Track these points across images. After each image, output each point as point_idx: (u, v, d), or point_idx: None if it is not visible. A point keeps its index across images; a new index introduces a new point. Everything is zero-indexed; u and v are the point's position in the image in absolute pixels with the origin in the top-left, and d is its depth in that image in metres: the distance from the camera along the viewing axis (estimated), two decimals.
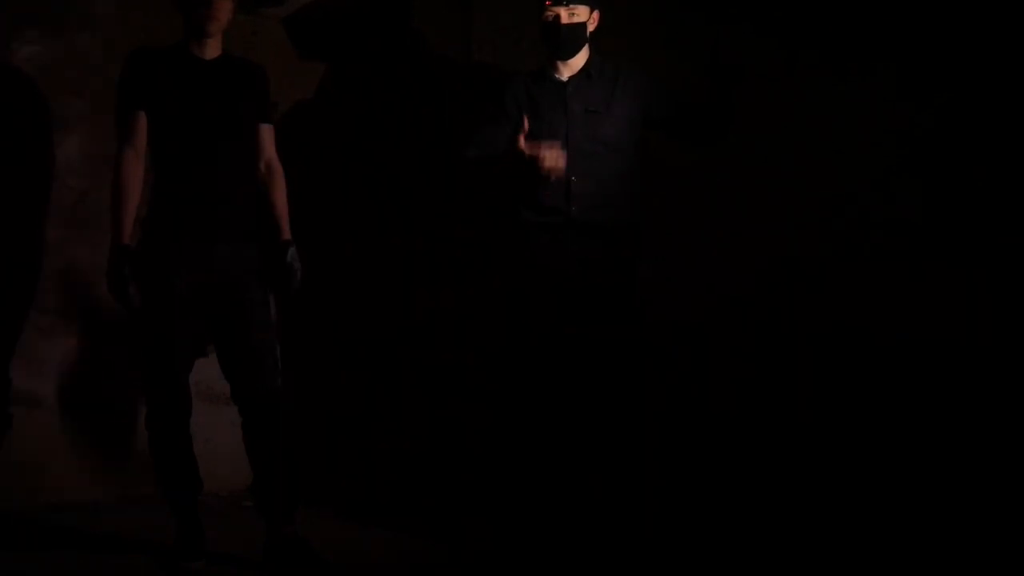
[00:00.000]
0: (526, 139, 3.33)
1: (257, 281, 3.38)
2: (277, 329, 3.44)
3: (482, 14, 4.08)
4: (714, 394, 3.68)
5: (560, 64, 3.46)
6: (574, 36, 3.40)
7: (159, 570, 3.34)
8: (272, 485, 3.39)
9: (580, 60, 3.47)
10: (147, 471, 3.46)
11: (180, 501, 3.40)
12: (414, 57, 4.31)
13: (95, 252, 3.97)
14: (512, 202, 3.48)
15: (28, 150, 4.00)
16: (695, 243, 3.69)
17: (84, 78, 4.03)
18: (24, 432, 3.95)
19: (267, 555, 3.38)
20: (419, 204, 4.24)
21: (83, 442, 4.03)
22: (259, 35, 4.31)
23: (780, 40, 3.54)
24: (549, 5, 3.38)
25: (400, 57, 4.35)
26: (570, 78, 3.46)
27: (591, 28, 3.45)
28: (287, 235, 3.46)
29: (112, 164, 3.33)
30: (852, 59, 3.41)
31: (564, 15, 3.37)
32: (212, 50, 3.38)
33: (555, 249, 3.40)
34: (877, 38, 3.37)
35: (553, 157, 3.28)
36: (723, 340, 3.64)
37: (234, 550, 3.47)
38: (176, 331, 3.30)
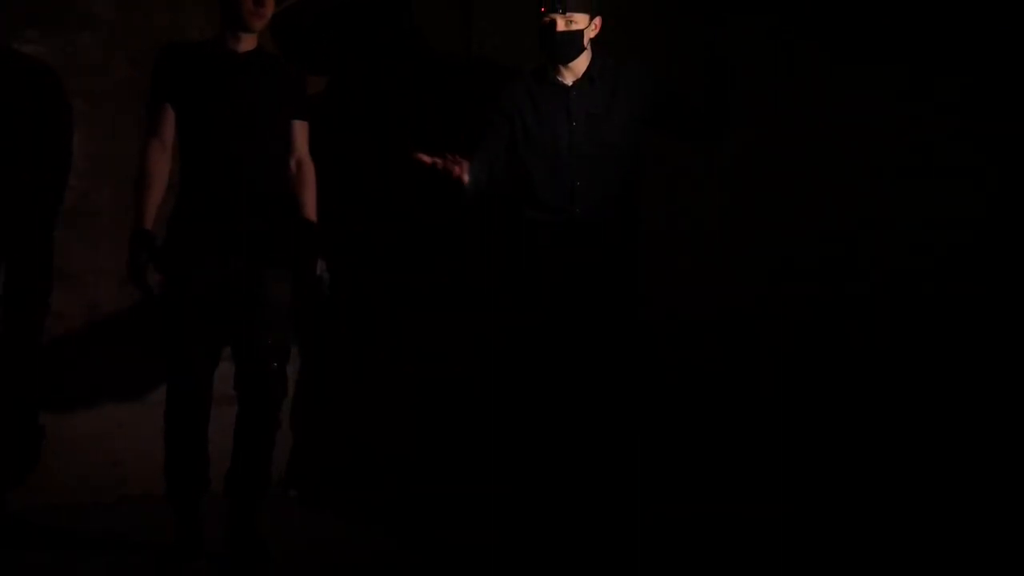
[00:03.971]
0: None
1: (280, 279, 3.34)
2: (293, 328, 3.43)
3: (482, 11, 4.08)
4: (712, 394, 3.68)
5: (561, 67, 3.43)
6: (570, 43, 3.35)
7: (159, 570, 3.34)
8: (247, 473, 3.37)
9: (582, 64, 3.43)
10: (147, 471, 3.46)
11: (184, 498, 3.38)
12: (415, 54, 4.30)
13: (95, 252, 3.99)
14: (514, 200, 3.47)
15: (28, 150, 4.00)
16: (695, 242, 3.69)
17: (84, 78, 4.03)
18: (24, 432, 3.94)
19: (233, 546, 3.36)
20: (418, 201, 4.24)
21: (83, 442, 4.02)
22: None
23: (780, 40, 3.54)
24: (544, 12, 3.34)
25: (401, 54, 4.34)
26: (573, 83, 3.43)
27: (592, 34, 3.40)
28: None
29: (117, 161, 3.34)
30: (852, 59, 3.41)
31: (561, 23, 3.32)
32: (247, 44, 3.38)
33: (558, 247, 3.39)
34: (878, 37, 3.37)
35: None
36: (722, 340, 3.64)
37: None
38: (197, 325, 3.27)
